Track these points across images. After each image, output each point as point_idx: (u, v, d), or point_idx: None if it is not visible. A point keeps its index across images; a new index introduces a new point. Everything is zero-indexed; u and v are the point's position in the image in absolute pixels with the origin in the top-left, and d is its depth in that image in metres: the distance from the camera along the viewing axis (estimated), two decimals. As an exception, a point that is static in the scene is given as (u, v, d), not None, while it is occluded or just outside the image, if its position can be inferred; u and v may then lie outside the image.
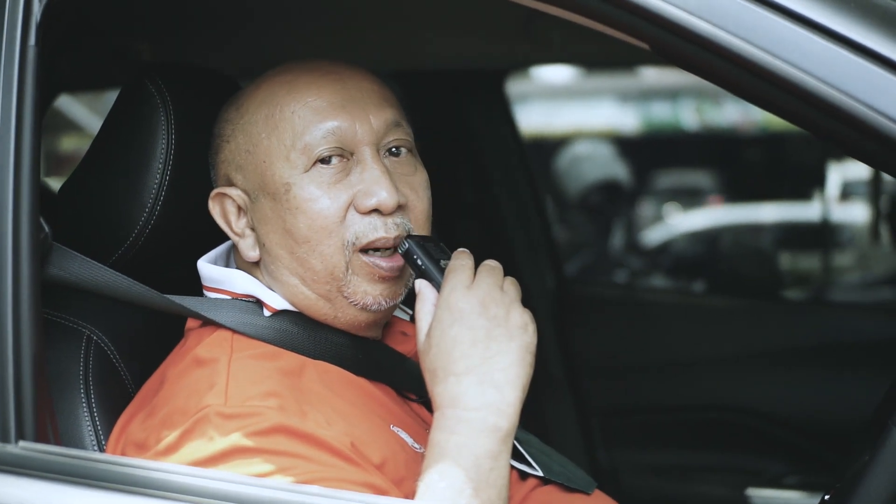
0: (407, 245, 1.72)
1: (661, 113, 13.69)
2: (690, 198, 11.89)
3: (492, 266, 1.67)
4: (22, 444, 1.54)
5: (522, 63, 4.48)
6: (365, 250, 1.75)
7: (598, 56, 4.11)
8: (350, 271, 1.74)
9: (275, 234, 1.76)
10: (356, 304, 1.76)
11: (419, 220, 1.78)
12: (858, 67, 1.42)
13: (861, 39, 1.43)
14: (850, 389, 3.41)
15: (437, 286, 1.67)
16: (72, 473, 1.53)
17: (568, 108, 13.70)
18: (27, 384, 1.55)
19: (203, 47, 3.25)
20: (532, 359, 1.62)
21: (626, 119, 13.72)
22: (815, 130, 1.50)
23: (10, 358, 1.55)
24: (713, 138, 13.46)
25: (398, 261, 1.76)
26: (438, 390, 1.60)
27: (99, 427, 1.76)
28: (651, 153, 12.44)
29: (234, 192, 1.80)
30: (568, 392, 3.64)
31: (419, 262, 1.70)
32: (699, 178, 12.43)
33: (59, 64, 2.97)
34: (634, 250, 7.40)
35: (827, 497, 1.78)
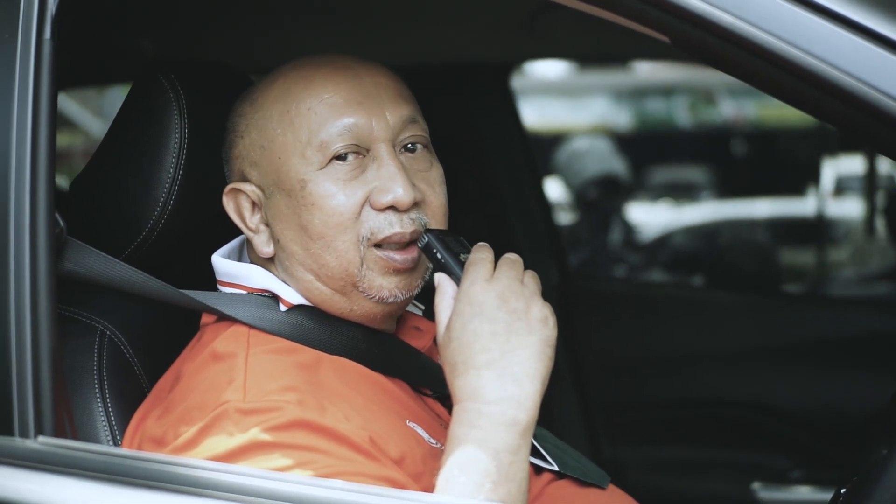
0: (427, 239, 1.71)
1: (655, 109, 13.72)
2: (684, 193, 11.92)
3: (512, 259, 1.67)
4: (41, 439, 1.53)
5: (527, 57, 4.47)
6: (379, 245, 1.74)
7: (603, 50, 4.10)
8: (365, 266, 1.73)
9: (289, 231, 1.76)
10: (372, 298, 1.75)
11: (436, 215, 1.78)
12: (882, 59, 1.42)
13: (885, 31, 1.43)
14: (854, 384, 3.43)
15: (457, 280, 1.66)
16: (91, 468, 1.52)
17: (562, 104, 13.72)
18: (45, 380, 1.55)
19: (207, 42, 3.24)
20: (552, 352, 1.61)
21: (619, 115, 13.75)
22: (838, 123, 1.49)
23: (29, 353, 1.54)
24: (706, 134, 13.50)
25: (412, 252, 1.75)
26: (459, 384, 1.60)
27: (114, 422, 1.76)
28: (644, 149, 12.46)
29: (248, 187, 1.79)
30: (572, 387, 3.64)
31: (439, 255, 1.70)
32: (693, 173, 12.46)
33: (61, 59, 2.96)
34: (631, 245, 7.40)
35: (843, 491, 1.77)
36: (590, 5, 1.56)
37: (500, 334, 1.59)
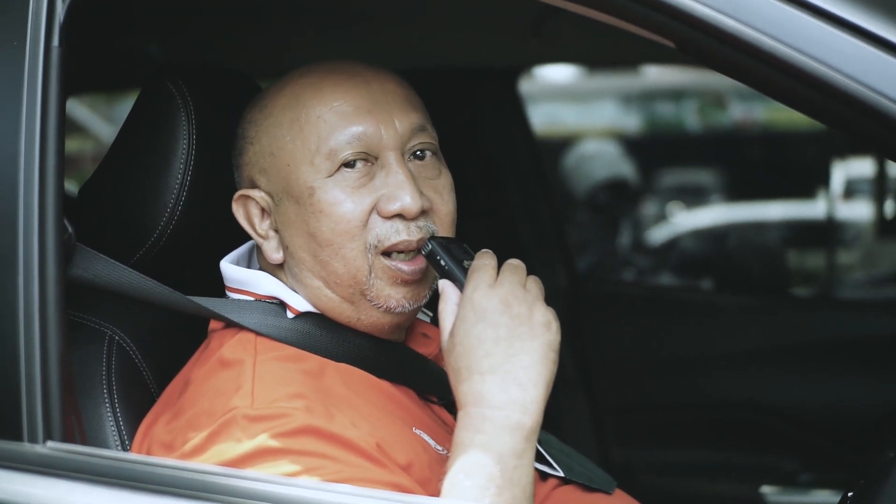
0: (430, 246, 1.72)
1: (664, 112, 13.69)
2: (694, 196, 11.90)
3: (514, 265, 1.67)
4: (50, 444, 1.54)
5: (535, 61, 4.47)
6: (387, 253, 1.74)
7: (609, 55, 4.10)
8: (373, 275, 1.74)
9: (298, 237, 1.76)
10: (380, 307, 1.76)
11: (444, 222, 1.78)
12: (887, 64, 1.42)
13: (888, 35, 1.43)
14: (863, 386, 3.42)
15: (461, 286, 1.67)
16: (100, 473, 1.53)
17: (570, 108, 13.70)
18: (54, 385, 1.56)
19: (215, 49, 3.25)
20: (555, 356, 1.62)
21: (628, 119, 13.73)
22: (844, 128, 1.49)
23: (38, 359, 1.55)
24: (716, 137, 13.47)
25: (420, 263, 1.75)
26: (463, 389, 1.60)
27: (122, 427, 1.76)
28: (654, 152, 12.44)
29: (257, 194, 1.80)
30: (581, 390, 3.64)
31: (442, 262, 1.70)
32: (702, 176, 12.44)
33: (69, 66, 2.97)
34: (640, 249, 7.40)
35: (850, 494, 1.77)
36: (595, 11, 1.57)
37: (503, 339, 1.59)
